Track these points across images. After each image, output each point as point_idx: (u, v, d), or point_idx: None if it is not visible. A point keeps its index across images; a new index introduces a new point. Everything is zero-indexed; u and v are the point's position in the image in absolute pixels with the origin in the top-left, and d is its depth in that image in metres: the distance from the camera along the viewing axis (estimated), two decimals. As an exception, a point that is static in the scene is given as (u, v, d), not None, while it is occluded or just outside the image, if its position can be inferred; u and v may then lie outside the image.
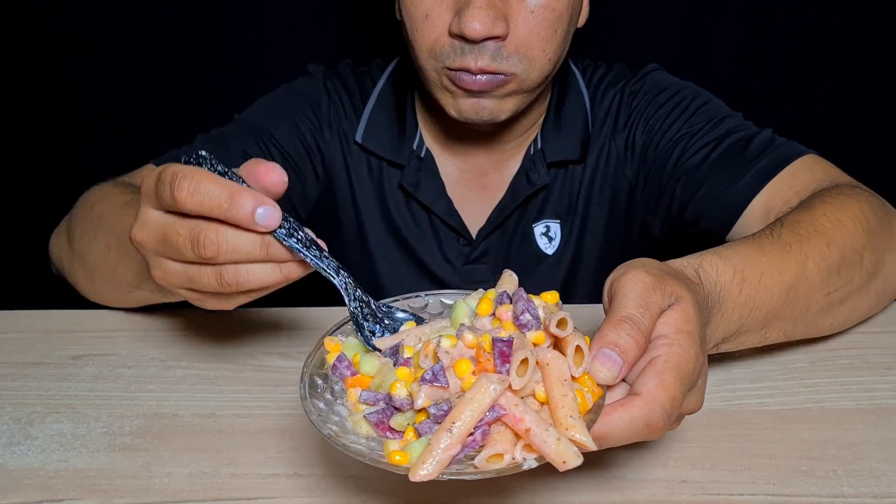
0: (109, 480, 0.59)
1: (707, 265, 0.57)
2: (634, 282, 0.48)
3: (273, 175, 0.51)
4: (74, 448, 0.63)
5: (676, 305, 0.49)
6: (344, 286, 0.53)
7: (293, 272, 0.52)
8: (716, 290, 0.56)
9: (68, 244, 0.82)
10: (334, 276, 0.53)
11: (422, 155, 0.94)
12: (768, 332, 0.62)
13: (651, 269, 0.50)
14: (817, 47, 1.18)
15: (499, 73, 0.78)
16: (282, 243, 0.50)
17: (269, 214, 0.49)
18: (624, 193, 0.95)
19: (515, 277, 0.52)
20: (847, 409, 0.64)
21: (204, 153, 0.52)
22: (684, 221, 0.90)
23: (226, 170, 0.51)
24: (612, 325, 0.46)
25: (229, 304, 0.56)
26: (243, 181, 0.51)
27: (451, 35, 0.77)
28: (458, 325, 0.50)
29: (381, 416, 0.47)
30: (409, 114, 0.95)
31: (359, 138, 0.94)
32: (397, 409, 0.47)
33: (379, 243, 0.98)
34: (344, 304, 0.54)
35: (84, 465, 0.61)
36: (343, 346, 0.53)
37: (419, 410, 0.45)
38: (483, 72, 0.77)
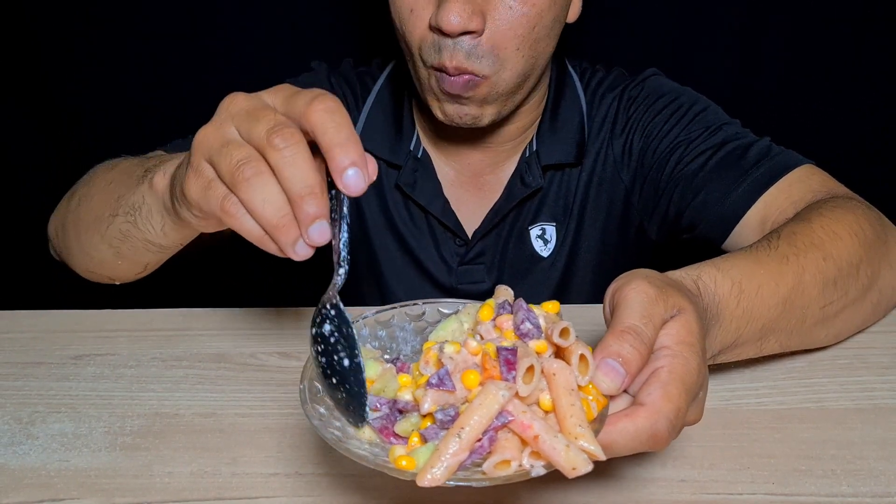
0: (110, 480, 0.59)
1: (706, 277, 0.57)
2: (637, 292, 0.48)
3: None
4: (76, 448, 0.63)
5: (679, 317, 0.49)
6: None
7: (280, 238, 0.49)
8: (714, 303, 0.56)
9: (66, 205, 0.81)
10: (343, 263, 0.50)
11: (418, 156, 0.94)
12: (764, 343, 0.62)
13: (653, 280, 0.49)
14: (816, 52, 1.18)
15: (472, 74, 0.78)
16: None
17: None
18: (620, 198, 0.95)
19: (511, 291, 0.53)
20: (846, 408, 0.65)
21: None
22: (681, 227, 0.90)
23: None
24: (616, 336, 0.46)
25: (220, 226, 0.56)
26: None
27: (431, 29, 0.78)
28: (444, 338, 0.50)
29: (385, 421, 0.47)
30: (405, 115, 0.95)
31: None
32: (401, 412, 0.47)
33: (380, 238, 0.98)
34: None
35: (85, 464, 0.61)
36: None
37: (424, 415, 0.45)
38: (458, 70, 0.78)
